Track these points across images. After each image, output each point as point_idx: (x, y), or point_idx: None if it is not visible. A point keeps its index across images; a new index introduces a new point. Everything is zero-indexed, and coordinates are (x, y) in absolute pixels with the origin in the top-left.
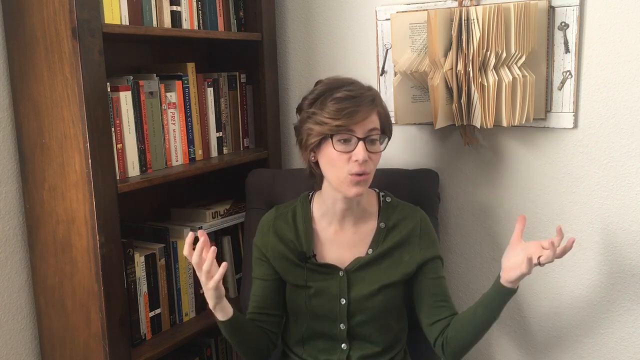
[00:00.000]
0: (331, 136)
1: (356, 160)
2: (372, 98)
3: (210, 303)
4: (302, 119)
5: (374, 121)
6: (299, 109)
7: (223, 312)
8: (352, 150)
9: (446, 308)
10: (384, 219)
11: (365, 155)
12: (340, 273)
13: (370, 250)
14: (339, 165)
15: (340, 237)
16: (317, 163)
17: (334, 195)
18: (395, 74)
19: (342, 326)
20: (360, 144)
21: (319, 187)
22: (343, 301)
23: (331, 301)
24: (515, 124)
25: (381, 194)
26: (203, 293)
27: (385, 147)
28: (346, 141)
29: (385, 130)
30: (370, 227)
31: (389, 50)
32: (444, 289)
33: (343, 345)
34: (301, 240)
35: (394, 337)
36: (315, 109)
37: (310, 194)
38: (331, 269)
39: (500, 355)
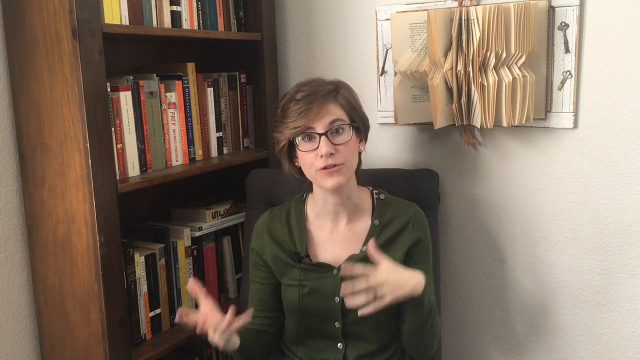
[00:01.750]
0: (294, 139)
1: (322, 156)
2: (329, 91)
3: (221, 345)
4: (273, 130)
5: (334, 113)
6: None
7: (233, 346)
8: (318, 147)
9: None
10: (377, 216)
11: (329, 148)
12: (334, 271)
13: (365, 247)
14: (309, 163)
15: (335, 236)
16: (301, 169)
17: (323, 194)
18: (395, 74)
19: (337, 324)
20: (323, 139)
21: (311, 191)
22: (337, 299)
23: (325, 300)
24: (515, 124)
25: (375, 191)
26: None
27: (353, 133)
28: (310, 139)
29: (355, 119)
30: (364, 225)
31: (389, 50)
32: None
33: (339, 344)
34: (295, 241)
35: (390, 336)
36: (280, 117)
37: (304, 195)
38: (325, 267)
39: (500, 355)
